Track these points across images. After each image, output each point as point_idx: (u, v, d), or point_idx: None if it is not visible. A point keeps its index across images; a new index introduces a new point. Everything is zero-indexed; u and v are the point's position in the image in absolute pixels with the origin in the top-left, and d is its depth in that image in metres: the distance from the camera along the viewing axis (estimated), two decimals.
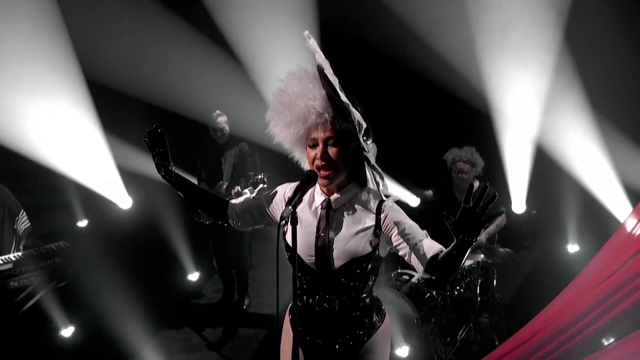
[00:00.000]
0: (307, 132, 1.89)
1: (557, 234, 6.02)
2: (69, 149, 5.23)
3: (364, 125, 1.89)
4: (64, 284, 3.99)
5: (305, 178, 1.85)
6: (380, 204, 1.95)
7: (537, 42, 5.06)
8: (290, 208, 1.70)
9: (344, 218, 1.96)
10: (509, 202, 5.48)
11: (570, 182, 5.45)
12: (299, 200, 1.76)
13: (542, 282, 5.12)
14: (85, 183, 5.41)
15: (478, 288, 4.13)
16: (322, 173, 1.88)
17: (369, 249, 1.93)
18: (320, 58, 1.84)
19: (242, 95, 5.25)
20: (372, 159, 1.97)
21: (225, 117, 4.54)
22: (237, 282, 4.95)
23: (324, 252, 1.95)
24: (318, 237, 1.96)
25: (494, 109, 5.58)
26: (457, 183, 4.45)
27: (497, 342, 4.04)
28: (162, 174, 2.15)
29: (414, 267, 1.89)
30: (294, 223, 1.73)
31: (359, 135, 1.86)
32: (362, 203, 1.97)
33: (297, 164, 2.08)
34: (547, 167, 5.50)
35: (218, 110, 4.54)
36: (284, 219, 1.68)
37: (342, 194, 1.96)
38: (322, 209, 1.99)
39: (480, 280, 4.17)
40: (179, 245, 5.68)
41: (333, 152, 1.86)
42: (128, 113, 5.69)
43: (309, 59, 1.88)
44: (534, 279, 5.35)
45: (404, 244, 1.88)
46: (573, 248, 5.82)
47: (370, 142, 1.96)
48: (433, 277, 1.82)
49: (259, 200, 2.16)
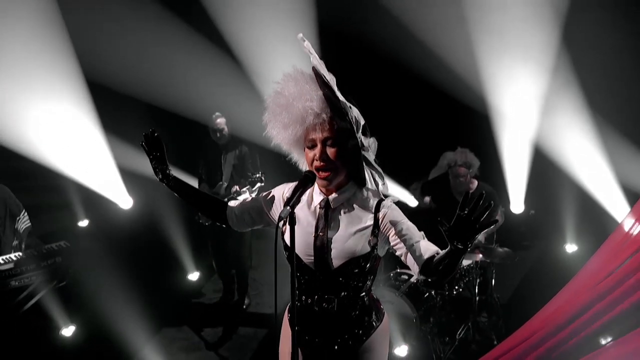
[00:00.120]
0: (305, 133, 1.88)
1: (555, 234, 6.02)
2: (70, 149, 5.24)
3: (362, 122, 1.89)
4: (65, 284, 4.00)
5: (304, 178, 1.85)
6: (379, 204, 1.95)
7: (535, 43, 5.07)
8: (289, 208, 1.70)
9: (343, 218, 1.96)
10: (508, 202, 5.50)
11: (569, 182, 5.45)
12: (297, 201, 1.77)
13: (540, 281, 5.11)
14: (86, 183, 5.42)
15: (477, 288, 4.13)
16: (321, 174, 1.87)
17: (368, 249, 1.92)
18: (316, 60, 1.83)
19: (241, 96, 5.26)
20: (372, 156, 1.96)
21: (224, 119, 4.54)
22: (237, 281, 4.95)
23: (323, 251, 1.94)
24: (317, 236, 1.95)
25: (493, 110, 5.58)
26: (456, 187, 4.43)
27: (495, 341, 4.04)
28: (159, 178, 2.15)
29: (410, 267, 1.89)
30: (292, 223, 1.74)
31: (357, 134, 1.86)
32: (360, 202, 1.96)
33: (296, 165, 2.08)
34: (545, 167, 5.50)
35: (217, 112, 4.55)
36: (282, 219, 1.68)
37: (340, 194, 1.95)
38: (320, 209, 1.98)
39: (479, 280, 4.18)
40: (179, 245, 5.67)
41: (331, 152, 1.85)
42: (128, 113, 5.70)
43: (307, 60, 1.87)
44: (533, 279, 5.35)
45: (401, 244, 1.88)
46: (571, 248, 5.82)
47: (371, 139, 1.95)
48: (428, 279, 1.82)
49: (258, 201, 2.15)
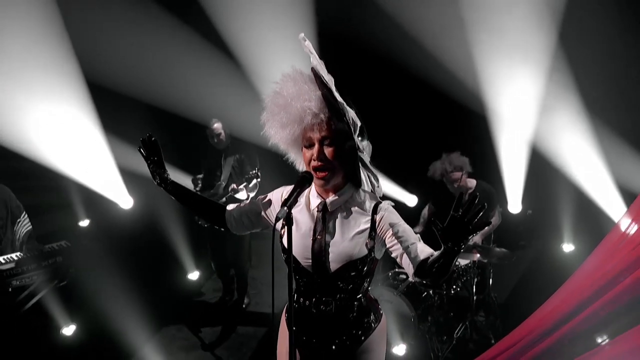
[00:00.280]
0: (302, 132, 1.88)
1: (552, 234, 6.04)
2: (71, 150, 5.25)
3: (359, 124, 1.90)
4: (65, 283, 3.99)
5: (301, 179, 1.86)
6: (376, 207, 1.96)
7: (532, 44, 5.08)
8: (286, 209, 1.71)
9: (340, 221, 1.96)
10: (505, 202, 5.52)
11: (566, 182, 5.46)
12: (295, 201, 1.78)
13: (537, 281, 5.14)
14: (87, 183, 5.43)
15: (474, 287, 4.16)
16: (318, 174, 1.88)
17: (365, 252, 1.93)
18: (316, 60, 1.84)
19: (241, 97, 5.27)
20: (367, 159, 1.98)
21: (221, 123, 4.53)
22: (236, 281, 4.97)
23: (321, 255, 1.94)
24: (314, 240, 1.96)
25: (490, 110, 5.59)
26: (456, 191, 4.46)
27: (493, 340, 4.06)
28: (157, 182, 2.16)
29: (405, 269, 1.89)
30: (289, 224, 1.75)
31: (354, 135, 1.88)
32: (357, 205, 1.97)
33: (293, 165, 2.09)
34: (542, 167, 5.51)
35: (215, 118, 4.55)
36: (280, 220, 1.69)
37: (337, 196, 1.96)
38: (318, 212, 1.99)
39: (477, 280, 4.20)
40: (179, 245, 5.70)
41: (329, 152, 1.86)
42: (128, 114, 5.70)
43: (307, 61, 1.88)
44: (530, 278, 5.37)
45: (397, 246, 1.89)
46: (568, 247, 5.84)
47: (366, 141, 1.97)
48: (423, 280, 1.83)
49: (256, 204, 2.16)
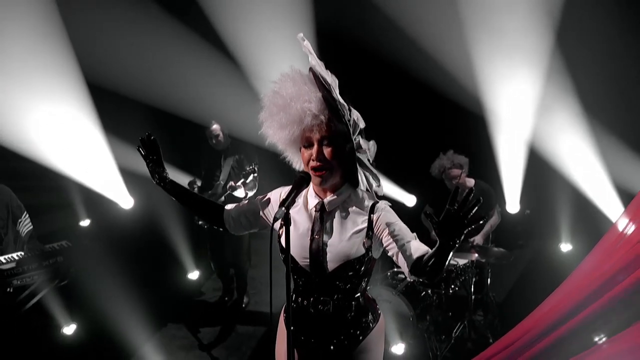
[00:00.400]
0: (301, 133, 1.88)
1: (550, 234, 6.07)
2: (71, 150, 5.26)
3: (361, 125, 1.90)
4: (66, 283, 4.01)
5: (299, 180, 1.86)
6: (374, 206, 1.96)
7: (531, 45, 5.09)
8: (283, 209, 1.71)
9: (338, 220, 1.96)
10: (504, 202, 5.55)
11: (563, 182, 5.48)
12: (292, 201, 1.77)
13: (535, 280, 5.17)
14: (88, 184, 5.44)
15: (473, 286, 4.16)
16: (316, 173, 1.88)
17: (362, 251, 1.93)
18: (315, 60, 1.84)
19: (241, 97, 5.29)
20: (369, 158, 1.98)
21: (219, 125, 4.54)
22: (235, 281, 4.98)
23: (318, 255, 1.94)
24: (312, 240, 1.96)
25: (489, 111, 5.61)
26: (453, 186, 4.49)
27: (491, 339, 4.07)
28: (156, 181, 2.17)
29: (401, 267, 1.88)
30: (287, 224, 1.75)
31: (353, 137, 1.88)
32: (355, 205, 1.97)
33: (290, 164, 2.09)
34: (540, 168, 5.53)
35: (214, 119, 4.56)
36: (277, 220, 1.70)
37: (335, 196, 1.96)
38: (316, 212, 1.99)
39: (475, 279, 4.21)
40: (180, 245, 5.71)
41: (328, 152, 1.86)
42: (128, 114, 5.71)
43: (307, 61, 1.88)
44: (528, 278, 5.39)
45: (393, 244, 1.88)
46: (566, 247, 5.86)
47: (371, 142, 1.97)
48: (418, 278, 1.80)
49: (254, 204, 2.16)
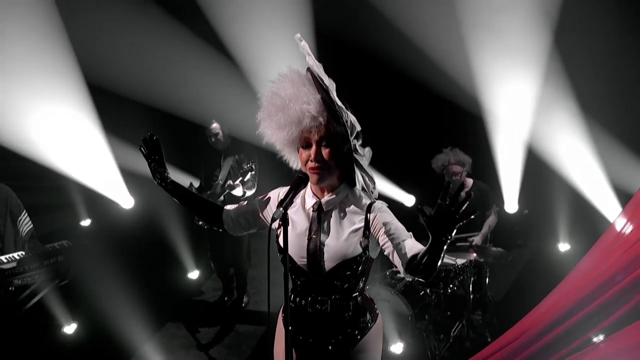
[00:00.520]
0: (300, 134, 1.88)
1: (548, 233, 6.08)
2: (72, 151, 5.28)
3: (357, 128, 1.92)
4: (67, 282, 4.04)
5: (297, 180, 1.87)
6: (370, 206, 1.96)
7: (529, 46, 5.11)
8: (281, 209, 1.72)
9: (335, 220, 1.97)
10: (502, 202, 5.57)
11: (561, 182, 5.50)
12: (290, 202, 1.78)
13: (533, 280, 5.19)
14: (88, 184, 5.45)
15: (471, 286, 4.17)
16: (314, 172, 1.89)
17: (359, 250, 1.94)
18: (312, 61, 1.84)
19: (241, 97, 5.31)
20: (365, 163, 2.00)
21: (219, 124, 4.56)
22: (235, 280, 5.00)
23: (316, 254, 1.95)
24: (310, 239, 1.97)
25: (487, 112, 5.63)
26: (453, 186, 4.51)
27: (489, 338, 4.09)
28: (157, 181, 2.18)
29: (397, 266, 1.87)
30: (285, 224, 1.75)
31: (350, 138, 1.89)
32: (352, 205, 1.98)
33: (287, 163, 2.09)
34: (538, 168, 5.55)
35: (214, 119, 4.58)
36: (275, 220, 1.71)
37: (332, 196, 1.97)
38: (313, 212, 2.00)
39: (473, 279, 4.21)
40: (180, 244, 5.72)
41: (326, 153, 1.87)
42: (128, 115, 5.73)
43: (305, 62, 1.88)
44: (526, 277, 5.40)
45: (389, 243, 1.87)
46: (564, 247, 5.87)
47: (367, 148, 1.99)
48: (413, 276, 1.79)
49: (253, 204, 2.17)
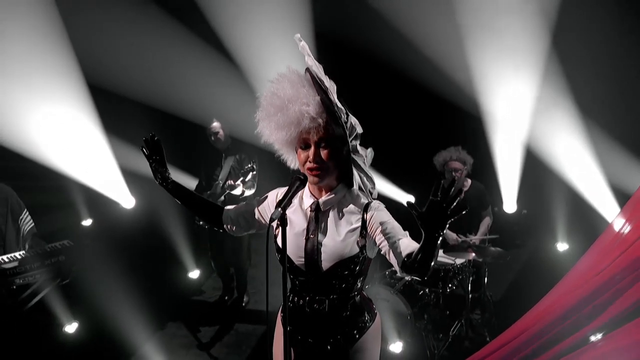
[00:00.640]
0: (298, 134, 1.88)
1: (547, 233, 6.09)
2: (73, 151, 5.30)
3: (357, 130, 1.93)
4: (68, 282, 4.03)
5: (295, 180, 1.87)
6: (367, 206, 1.97)
7: (527, 47, 5.14)
8: (280, 210, 1.73)
9: (332, 220, 1.98)
10: (501, 202, 5.60)
11: (560, 182, 5.52)
12: (289, 202, 1.80)
13: (532, 279, 5.19)
14: (90, 184, 5.47)
15: (470, 285, 4.18)
16: (313, 172, 1.90)
17: (356, 250, 1.94)
18: (312, 61, 1.85)
19: (241, 97, 5.33)
20: (366, 164, 2.01)
21: (219, 123, 4.56)
22: (236, 280, 5.01)
23: (313, 254, 1.96)
24: (307, 239, 1.97)
25: (486, 112, 5.65)
26: (445, 182, 4.51)
27: (488, 338, 4.09)
28: (159, 181, 2.19)
29: (393, 265, 1.87)
30: (284, 224, 1.76)
31: (349, 139, 1.90)
32: (349, 205, 1.98)
33: (285, 162, 2.09)
34: (537, 168, 5.57)
35: (214, 118, 4.60)
36: (274, 220, 1.71)
37: (330, 196, 1.97)
38: (311, 212, 2.00)
39: (472, 278, 4.22)
40: (180, 244, 5.72)
41: (325, 154, 1.87)
42: (129, 115, 5.75)
43: (305, 63, 1.89)
44: (525, 277, 5.41)
45: (385, 243, 1.88)
46: (562, 246, 5.88)
47: (368, 149, 2.00)
48: (409, 275, 1.79)
49: (251, 205, 2.18)
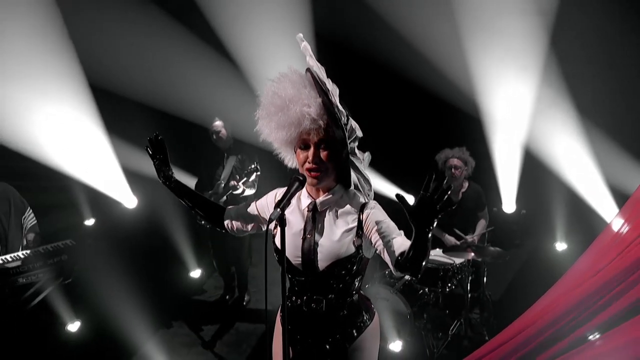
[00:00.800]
0: (298, 135, 1.89)
1: (545, 233, 6.11)
2: (76, 151, 5.33)
3: (357, 133, 1.95)
4: (71, 281, 4.07)
5: (293, 181, 1.88)
6: (363, 206, 1.98)
7: (526, 48, 5.17)
8: (279, 210, 1.74)
9: (329, 220, 1.99)
10: (500, 202, 5.62)
11: (558, 183, 5.54)
12: (287, 203, 1.81)
13: (531, 279, 5.21)
14: (92, 184, 5.50)
15: (469, 285, 4.19)
16: (312, 173, 1.91)
17: (352, 250, 1.95)
18: (313, 62, 1.86)
19: (242, 98, 5.36)
20: (363, 166, 2.03)
21: (221, 122, 4.59)
22: (237, 279, 5.03)
23: (310, 254, 1.97)
24: (304, 239, 1.99)
25: (485, 113, 5.67)
26: (450, 182, 4.44)
27: (487, 337, 4.11)
28: (162, 180, 2.22)
29: (387, 263, 1.88)
30: (282, 225, 1.77)
31: (348, 141, 1.92)
32: (346, 205, 2.00)
33: (283, 161, 2.11)
34: (536, 168, 5.59)
35: (217, 117, 4.63)
36: (272, 221, 1.73)
37: (327, 197, 1.99)
38: (308, 212, 2.02)
39: (471, 278, 4.23)
40: (182, 243, 5.74)
41: (324, 155, 1.88)
42: (131, 116, 5.78)
43: (305, 63, 1.90)
44: (523, 276, 5.43)
45: (380, 242, 1.88)
46: (561, 246, 5.90)
47: (366, 153, 2.03)
48: (403, 273, 1.80)
49: (251, 207, 2.20)
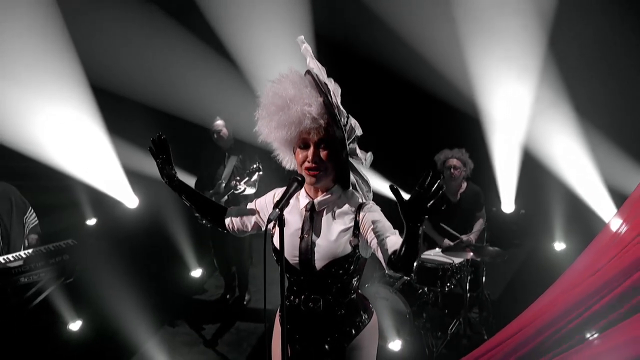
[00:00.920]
0: (298, 134, 1.89)
1: (544, 233, 6.13)
2: (78, 152, 5.35)
3: (357, 133, 1.97)
4: (72, 280, 4.04)
5: (292, 181, 1.89)
6: (361, 206, 1.99)
7: (525, 49, 5.18)
8: (277, 211, 1.74)
9: (327, 220, 2.00)
10: (499, 202, 5.63)
11: (557, 183, 5.56)
12: (286, 203, 1.82)
13: (529, 278, 5.22)
14: (94, 184, 5.52)
15: (468, 285, 4.19)
16: (311, 173, 1.91)
17: (349, 249, 1.95)
18: (314, 64, 1.88)
19: (243, 98, 5.38)
20: (364, 166, 2.04)
21: (223, 121, 4.60)
22: (237, 278, 5.04)
23: (307, 253, 1.97)
24: (302, 238, 1.99)
25: (484, 114, 5.69)
26: (448, 181, 4.48)
27: (486, 336, 4.13)
28: (165, 180, 2.24)
29: (381, 262, 1.88)
30: (281, 225, 1.78)
31: (347, 142, 1.94)
32: (344, 205, 2.00)
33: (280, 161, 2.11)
34: (534, 168, 5.61)
35: (218, 116, 4.64)
36: (271, 221, 1.73)
37: (325, 196, 1.99)
38: (306, 212, 2.02)
39: (470, 277, 4.24)
40: (183, 243, 5.76)
41: (324, 154, 1.89)
42: (132, 116, 5.80)
43: (306, 64, 1.92)
44: (522, 276, 5.45)
45: (375, 241, 1.89)
46: (560, 246, 5.92)
47: (368, 153, 2.04)
48: (395, 272, 1.80)
49: (251, 207, 2.21)
